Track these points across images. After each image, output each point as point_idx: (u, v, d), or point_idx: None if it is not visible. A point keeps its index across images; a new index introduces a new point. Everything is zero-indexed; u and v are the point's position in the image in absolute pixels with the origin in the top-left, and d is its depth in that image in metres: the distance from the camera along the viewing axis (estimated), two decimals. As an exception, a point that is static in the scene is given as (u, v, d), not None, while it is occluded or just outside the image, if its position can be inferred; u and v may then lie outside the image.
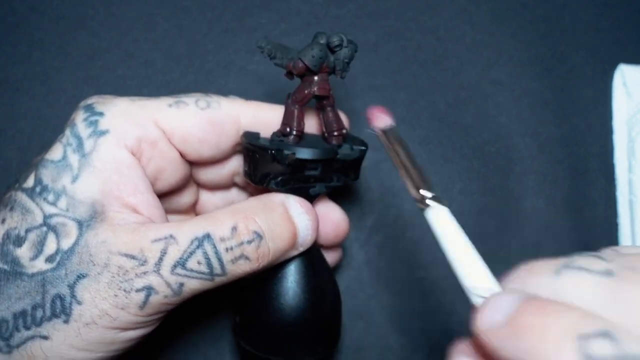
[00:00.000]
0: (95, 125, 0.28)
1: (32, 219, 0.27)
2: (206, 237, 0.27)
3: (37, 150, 0.41)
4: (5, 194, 0.29)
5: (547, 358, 0.17)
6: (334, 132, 0.31)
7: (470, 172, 0.43)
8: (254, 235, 0.28)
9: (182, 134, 0.30)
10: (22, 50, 0.43)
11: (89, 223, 0.27)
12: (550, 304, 0.18)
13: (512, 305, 0.19)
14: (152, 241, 0.26)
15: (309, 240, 0.31)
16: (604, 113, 0.44)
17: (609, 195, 0.43)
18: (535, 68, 0.45)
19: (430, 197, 0.23)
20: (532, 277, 0.20)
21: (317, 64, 0.29)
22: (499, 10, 0.46)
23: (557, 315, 0.17)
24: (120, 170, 0.28)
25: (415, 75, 0.44)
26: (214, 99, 0.31)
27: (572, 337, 0.17)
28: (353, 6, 0.46)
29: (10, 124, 0.41)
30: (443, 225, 0.23)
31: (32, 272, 0.26)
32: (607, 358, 0.16)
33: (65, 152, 0.28)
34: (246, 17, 0.45)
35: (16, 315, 0.26)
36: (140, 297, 0.26)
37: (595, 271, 0.19)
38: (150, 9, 0.44)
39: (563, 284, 0.19)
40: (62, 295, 0.26)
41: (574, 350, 0.16)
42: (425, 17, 0.46)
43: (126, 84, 0.43)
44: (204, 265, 0.27)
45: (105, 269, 0.26)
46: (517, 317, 0.18)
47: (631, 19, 0.46)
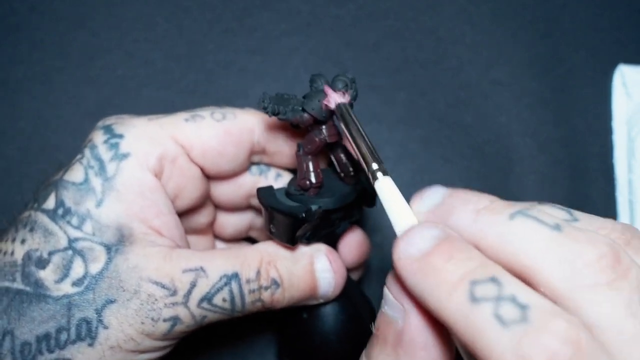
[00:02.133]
0: (117, 148, 0.28)
1: (56, 241, 0.27)
2: (234, 277, 0.27)
3: (38, 150, 0.41)
4: (22, 212, 0.29)
5: (442, 297, 0.19)
6: (351, 173, 0.30)
7: (470, 172, 0.43)
8: (272, 283, 0.28)
9: (201, 148, 0.30)
10: (23, 50, 0.43)
11: (118, 247, 0.27)
12: (459, 251, 0.20)
13: (427, 243, 0.21)
14: (183, 271, 0.27)
15: (332, 294, 0.31)
16: (604, 113, 0.44)
17: (608, 195, 0.43)
18: (535, 68, 0.45)
19: (377, 170, 0.25)
20: (488, 215, 0.21)
21: (325, 114, 0.28)
22: (499, 11, 0.46)
23: (459, 261, 0.20)
24: (144, 193, 0.28)
25: (415, 75, 0.44)
26: (229, 110, 0.31)
27: (465, 282, 0.19)
28: (353, 6, 0.46)
29: (11, 124, 0.41)
30: (388, 192, 0.24)
31: (57, 295, 0.26)
32: (487, 297, 0.18)
33: (87, 175, 0.28)
34: (246, 17, 0.45)
35: (39, 339, 0.26)
36: (166, 327, 0.26)
37: (545, 223, 0.20)
38: (151, 9, 0.44)
39: (514, 228, 0.20)
40: (88, 320, 0.26)
41: (464, 293, 0.19)
42: (425, 17, 0.46)
43: (126, 84, 0.43)
44: (228, 302, 0.27)
45: (135, 295, 0.26)
46: (427, 256, 0.20)
47: (631, 19, 0.46)
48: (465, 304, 0.18)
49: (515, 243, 0.20)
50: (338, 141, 0.30)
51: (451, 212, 0.22)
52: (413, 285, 0.20)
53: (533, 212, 0.20)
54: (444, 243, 0.20)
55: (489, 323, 0.18)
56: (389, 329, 0.23)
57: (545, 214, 0.20)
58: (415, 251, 0.21)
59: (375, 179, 0.25)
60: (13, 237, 0.28)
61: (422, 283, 0.20)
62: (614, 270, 0.18)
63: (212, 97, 0.43)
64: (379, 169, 0.25)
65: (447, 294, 0.19)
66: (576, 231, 0.20)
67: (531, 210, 0.20)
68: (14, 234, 0.28)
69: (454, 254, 0.20)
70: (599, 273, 0.18)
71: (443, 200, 0.23)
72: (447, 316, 0.19)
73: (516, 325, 0.17)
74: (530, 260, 0.19)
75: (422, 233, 0.21)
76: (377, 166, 0.25)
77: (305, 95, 0.28)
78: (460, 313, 0.18)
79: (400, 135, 0.43)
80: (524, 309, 0.18)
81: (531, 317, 0.17)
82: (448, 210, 0.22)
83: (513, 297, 0.18)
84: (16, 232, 0.28)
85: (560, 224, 0.20)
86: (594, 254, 0.19)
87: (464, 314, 0.18)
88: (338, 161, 0.31)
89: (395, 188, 0.24)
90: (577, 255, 0.19)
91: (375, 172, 0.25)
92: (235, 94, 0.43)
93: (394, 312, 0.23)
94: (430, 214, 0.23)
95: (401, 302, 0.22)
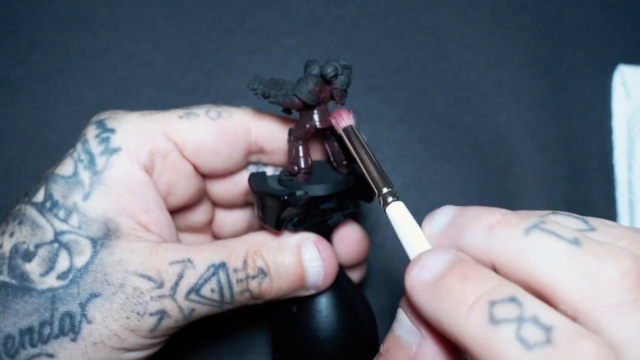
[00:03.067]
0: (107, 142, 0.28)
1: (43, 234, 0.27)
2: (222, 266, 0.27)
3: (38, 150, 0.41)
4: (14, 206, 0.29)
5: (460, 319, 0.18)
6: (343, 162, 0.30)
7: (470, 172, 0.43)
8: (259, 272, 0.28)
9: (194, 145, 0.30)
10: (23, 50, 0.43)
11: (104, 241, 0.26)
12: (474, 271, 0.19)
13: (441, 266, 0.20)
14: (170, 263, 0.26)
15: (322, 284, 0.30)
16: (604, 113, 0.44)
17: (608, 195, 0.43)
18: (535, 68, 0.45)
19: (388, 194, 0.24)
20: (502, 230, 0.20)
21: (314, 98, 0.28)
22: (499, 11, 0.46)
23: (476, 281, 0.19)
24: (133, 188, 0.28)
25: (415, 75, 0.44)
26: (225, 109, 0.31)
27: (483, 303, 0.18)
28: (353, 6, 0.46)
29: (11, 124, 0.41)
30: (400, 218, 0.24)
31: (42, 288, 0.26)
32: (508, 318, 0.18)
33: (77, 168, 0.28)
34: (246, 17, 0.45)
35: (22, 332, 0.25)
36: (153, 321, 0.26)
37: (563, 238, 0.19)
38: (151, 9, 0.44)
39: (530, 244, 0.19)
40: (72, 314, 0.25)
41: (483, 315, 0.18)
42: (425, 17, 0.46)
43: (127, 84, 0.43)
44: (216, 293, 0.27)
45: (120, 289, 0.26)
46: (442, 279, 0.20)
47: (631, 19, 0.46)
48: (485, 325, 0.18)
49: (533, 259, 0.19)
50: (331, 129, 0.29)
51: (463, 230, 0.21)
52: (428, 310, 0.20)
53: (549, 225, 0.19)
54: (458, 265, 0.20)
55: (512, 346, 0.17)
56: (401, 353, 0.22)
57: (561, 227, 0.19)
58: (429, 275, 0.20)
59: (387, 204, 0.24)
60: (3, 231, 0.28)
61: (438, 306, 0.19)
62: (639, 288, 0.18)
63: (212, 97, 0.43)
64: (389, 192, 0.24)
65: (465, 315, 0.18)
66: (596, 245, 0.19)
67: (547, 224, 0.20)
68: (4, 227, 0.28)
69: (469, 274, 0.19)
70: (623, 291, 0.18)
71: (454, 219, 0.22)
72: (466, 339, 0.18)
73: (541, 349, 0.17)
74: (549, 277, 0.18)
75: (435, 257, 0.20)
76: (387, 190, 0.24)
77: (298, 80, 0.28)
78: (480, 335, 0.18)
79: (400, 135, 0.43)
80: (547, 330, 0.17)
81: (556, 339, 0.17)
82: (460, 229, 0.21)
83: (535, 318, 0.17)
84: (6, 225, 0.28)
85: (578, 238, 0.19)
86: (617, 271, 0.18)
87: (484, 336, 0.18)
88: (331, 149, 0.30)
89: (407, 212, 0.24)
90: (599, 272, 0.18)
91: (387, 196, 0.24)
92: (235, 94, 0.43)
93: (408, 336, 0.22)
94: (442, 235, 0.22)
95: (418, 328, 0.21)
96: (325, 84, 0.28)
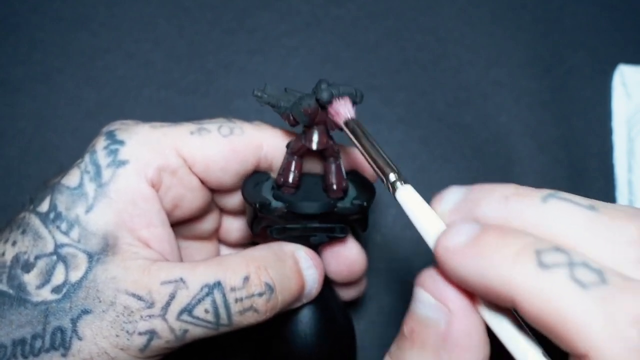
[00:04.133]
0: (115, 154, 0.28)
1: (44, 246, 0.26)
2: (217, 285, 0.26)
3: (38, 150, 0.41)
4: (18, 213, 0.28)
5: (506, 270, 0.18)
6: (333, 187, 0.29)
7: (470, 172, 0.43)
8: (266, 288, 0.27)
9: (204, 163, 0.29)
10: (23, 50, 0.43)
11: (99, 257, 0.26)
12: (509, 230, 0.19)
13: (474, 230, 0.20)
14: (162, 283, 0.26)
15: (314, 294, 0.30)
16: (604, 113, 0.44)
17: (608, 195, 0.43)
18: (535, 68, 0.45)
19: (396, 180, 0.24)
20: (519, 199, 0.20)
21: (306, 119, 0.27)
22: (499, 11, 0.46)
23: (516, 235, 0.19)
24: (136, 202, 0.27)
25: (415, 75, 0.44)
26: (237, 124, 0.30)
27: (530, 251, 0.18)
28: (353, 6, 0.46)
29: (11, 124, 0.41)
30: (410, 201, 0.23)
31: (36, 300, 0.26)
32: (559, 263, 0.18)
33: (82, 180, 0.27)
34: (246, 17, 0.45)
35: (15, 343, 0.25)
36: (142, 341, 0.25)
37: (580, 204, 0.19)
38: (151, 9, 0.45)
39: (549, 211, 0.19)
40: (63, 329, 0.25)
41: (531, 260, 0.18)
42: (425, 17, 0.46)
43: (127, 85, 0.43)
44: (211, 314, 0.26)
45: (111, 307, 0.25)
46: (480, 237, 0.19)
47: (631, 19, 0.46)
48: (536, 271, 0.18)
49: (554, 225, 0.19)
50: (328, 152, 0.29)
51: (478, 204, 0.21)
52: (468, 272, 0.19)
53: (564, 194, 0.20)
54: (492, 227, 0.20)
55: (568, 287, 0.17)
56: (428, 332, 0.21)
57: (576, 196, 0.20)
58: (465, 237, 0.20)
59: (395, 189, 0.24)
60: (6, 238, 0.27)
61: (479, 264, 0.19)
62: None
63: (212, 97, 0.43)
64: (398, 178, 0.24)
65: (512, 265, 0.18)
66: (612, 209, 0.19)
67: (562, 194, 0.20)
68: (7, 234, 0.27)
69: (506, 232, 0.19)
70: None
71: (465, 195, 0.22)
72: (516, 288, 0.18)
73: (597, 288, 0.17)
74: (572, 241, 0.19)
75: (466, 225, 0.20)
76: (395, 176, 0.24)
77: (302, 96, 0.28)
78: (532, 281, 0.18)
79: (400, 135, 0.43)
80: (599, 273, 0.17)
81: (610, 279, 0.17)
82: (474, 203, 0.21)
83: (585, 263, 0.18)
84: (10, 232, 0.27)
85: (594, 205, 0.19)
86: (635, 230, 0.18)
87: (537, 281, 0.17)
88: (325, 172, 0.30)
89: (418, 195, 0.23)
90: (619, 232, 0.19)
91: (395, 182, 0.24)
92: (235, 94, 0.43)
93: (435, 314, 0.21)
94: (456, 211, 0.22)
95: (445, 302, 0.21)
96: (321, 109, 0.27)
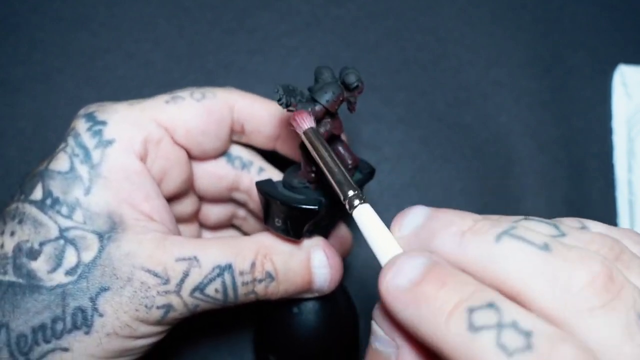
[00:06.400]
0: (100, 135, 0.28)
1: (47, 232, 0.27)
2: (227, 268, 0.27)
3: (38, 150, 0.41)
4: (8, 205, 0.28)
5: (438, 327, 0.18)
6: (349, 167, 0.30)
7: (470, 172, 0.43)
8: (266, 276, 0.28)
9: (184, 128, 0.30)
10: (23, 50, 0.43)
11: (110, 235, 0.27)
12: (450, 276, 0.19)
13: (417, 270, 0.20)
14: (176, 260, 0.27)
15: (328, 289, 0.31)
16: (604, 113, 0.44)
17: (608, 195, 0.43)
18: (535, 68, 0.45)
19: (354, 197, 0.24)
20: (473, 237, 0.20)
21: (337, 107, 0.27)
22: (499, 11, 0.46)
23: (453, 287, 0.19)
24: (130, 178, 0.28)
25: (415, 75, 0.44)
26: (208, 89, 0.32)
27: (462, 310, 0.18)
28: (353, 6, 0.46)
29: (11, 124, 0.41)
30: (368, 221, 0.23)
31: (51, 285, 0.26)
32: (488, 325, 0.17)
33: (73, 164, 0.28)
34: (246, 17, 0.45)
35: (35, 329, 0.26)
36: (160, 313, 0.27)
37: (533, 243, 0.19)
38: (151, 9, 0.45)
39: (501, 251, 0.19)
40: (83, 308, 0.26)
41: (461, 321, 0.18)
42: (425, 17, 0.46)
43: (127, 85, 0.43)
44: (220, 293, 0.27)
45: (128, 283, 0.26)
46: (418, 285, 0.19)
47: (631, 19, 0.46)
48: (465, 333, 0.18)
49: (504, 266, 0.19)
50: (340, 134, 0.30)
51: (434, 236, 0.21)
52: (405, 318, 0.19)
53: (519, 231, 0.19)
54: (434, 270, 0.19)
55: (492, 354, 0.17)
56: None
57: (532, 233, 0.19)
58: (405, 281, 0.20)
59: (353, 207, 0.24)
60: (2, 230, 0.27)
61: (415, 314, 0.19)
62: (608, 291, 0.18)
63: (212, 97, 0.43)
64: (355, 195, 0.24)
65: (444, 324, 0.18)
66: (566, 250, 0.19)
67: (517, 230, 0.20)
68: (2, 227, 0.28)
69: (446, 280, 0.19)
70: (593, 296, 0.18)
71: (424, 222, 0.22)
72: (445, 348, 0.18)
73: (522, 355, 0.17)
74: (521, 283, 0.18)
75: (410, 262, 0.20)
76: (354, 193, 0.24)
77: (313, 88, 0.28)
78: (460, 344, 0.18)
79: (400, 135, 0.43)
80: (527, 335, 0.17)
81: (536, 344, 0.17)
82: (430, 234, 0.21)
83: (515, 323, 0.17)
84: (4, 224, 0.28)
85: (548, 243, 0.19)
86: (586, 275, 0.18)
87: (464, 344, 0.18)
88: (337, 154, 0.30)
89: (375, 215, 0.23)
90: (569, 277, 0.18)
91: (353, 199, 0.24)
92: (235, 94, 0.43)
93: (385, 348, 0.21)
94: (412, 237, 0.22)
95: (392, 338, 0.21)
96: (345, 91, 0.28)
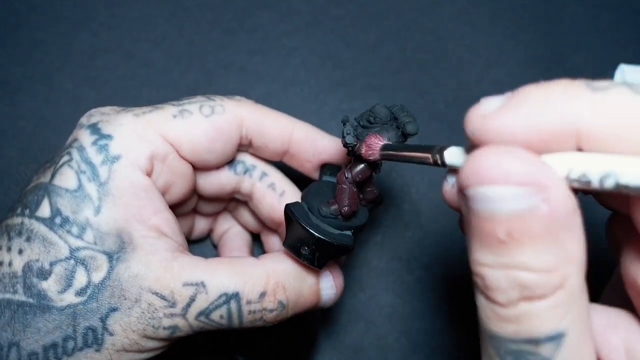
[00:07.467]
0: (107, 150, 0.28)
1: (57, 251, 0.27)
2: (234, 296, 0.27)
3: (38, 150, 0.41)
4: (10, 218, 0.28)
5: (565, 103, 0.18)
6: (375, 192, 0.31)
7: (470, 172, 0.43)
8: (278, 305, 0.28)
9: (190, 145, 0.30)
10: (23, 50, 0.43)
11: (119, 255, 0.27)
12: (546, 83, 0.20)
13: (503, 97, 0.21)
14: (184, 285, 0.27)
15: (330, 305, 0.31)
16: (604, 113, 0.44)
17: (608, 195, 0.43)
18: (535, 68, 0.45)
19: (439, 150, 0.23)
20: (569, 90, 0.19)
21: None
22: (499, 11, 0.46)
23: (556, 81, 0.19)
24: (138, 194, 0.28)
25: (415, 75, 0.44)
26: (218, 102, 0.31)
27: (578, 83, 0.19)
28: (353, 6, 0.46)
29: (11, 124, 0.41)
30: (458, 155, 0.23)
31: (61, 305, 0.26)
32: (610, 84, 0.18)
33: (81, 181, 0.28)
34: (246, 17, 0.45)
35: (46, 348, 0.26)
36: (166, 333, 0.27)
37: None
38: (151, 9, 0.45)
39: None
40: (93, 328, 0.26)
41: (584, 88, 0.18)
42: (425, 17, 0.46)
43: (127, 84, 0.43)
44: (225, 319, 0.27)
45: (136, 304, 0.26)
46: (521, 92, 0.20)
47: (631, 19, 0.46)
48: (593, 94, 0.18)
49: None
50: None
51: None
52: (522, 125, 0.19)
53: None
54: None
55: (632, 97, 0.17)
56: (528, 223, 0.18)
57: None
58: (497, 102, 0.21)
59: (443, 157, 0.23)
60: (8, 246, 0.27)
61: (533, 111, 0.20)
62: None
63: (212, 97, 0.43)
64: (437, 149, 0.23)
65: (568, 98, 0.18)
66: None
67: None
68: (8, 242, 0.27)
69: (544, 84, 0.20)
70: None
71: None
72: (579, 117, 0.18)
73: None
74: None
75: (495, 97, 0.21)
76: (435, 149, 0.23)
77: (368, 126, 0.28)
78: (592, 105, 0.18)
79: (400, 135, 0.43)
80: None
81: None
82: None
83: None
84: (9, 240, 0.27)
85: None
86: None
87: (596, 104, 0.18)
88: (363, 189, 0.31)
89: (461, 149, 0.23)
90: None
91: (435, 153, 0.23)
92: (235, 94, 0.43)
93: (524, 203, 0.18)
94: None
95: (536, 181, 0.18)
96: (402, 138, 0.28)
